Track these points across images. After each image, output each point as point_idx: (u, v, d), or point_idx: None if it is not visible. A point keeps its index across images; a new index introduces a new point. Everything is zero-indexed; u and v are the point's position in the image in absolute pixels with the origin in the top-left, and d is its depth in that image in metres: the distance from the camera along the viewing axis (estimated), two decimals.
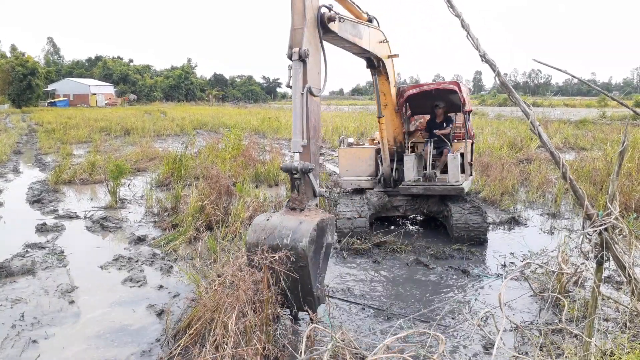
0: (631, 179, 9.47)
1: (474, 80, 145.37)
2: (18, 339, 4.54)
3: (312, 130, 4.54)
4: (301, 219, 3.96)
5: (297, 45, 4.40)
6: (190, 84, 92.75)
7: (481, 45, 2.37)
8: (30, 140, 23.82)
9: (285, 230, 3.84)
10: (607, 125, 26.49)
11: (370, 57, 6.91)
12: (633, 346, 3.72)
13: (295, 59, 4.35)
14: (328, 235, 4.20)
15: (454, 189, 7.46)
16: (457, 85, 7.69)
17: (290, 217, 4.01)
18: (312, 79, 4.52)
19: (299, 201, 4.21)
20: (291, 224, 3.90)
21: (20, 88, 60.85)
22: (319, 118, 4.79)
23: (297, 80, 4.37)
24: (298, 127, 4.34)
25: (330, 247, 4.29)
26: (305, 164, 4.23)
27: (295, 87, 4.38)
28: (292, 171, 4.27)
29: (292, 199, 4.27)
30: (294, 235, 3.77)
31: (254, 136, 22.11)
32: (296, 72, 4.37)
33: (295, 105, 4.37)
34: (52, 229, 8.28)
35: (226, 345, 3.60)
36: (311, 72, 4.50)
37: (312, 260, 3.82)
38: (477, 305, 5.27)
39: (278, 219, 4.01)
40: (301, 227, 3.82)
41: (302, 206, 4.20)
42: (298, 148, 4.33)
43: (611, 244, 2.32)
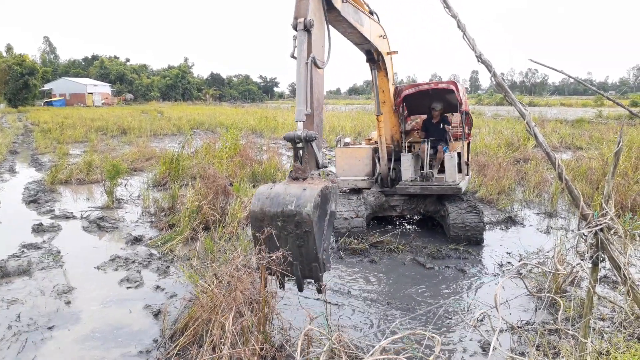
0: (627, 179, 9.51)
1: (471, 80, 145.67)
2: (14, 340, 4.52)
3: (316, 101, 4.49)
4: (305, 186, 3.93)
5: (302, 15, 4.35)
6: (187, 83, 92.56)
7: (477, 46, 2.37)
8: (26, 140, 23.72)
9: (289, 197, 3.80)
10: (604, 124, 26.58)
11: (371, 50, 6.89)
12: (629, 345, 3.73)
13: (301, 28, 4.30)
14: (332, 203, 4.15)
15: (451, 189, 7.45)
16: (454, 85, 7.69)
17: (294, 185, 3.98)
18: (316, 51, 4.46)
19: (302, 170, 4.14)
20: (295, 190, 3.86)
21: (17, 87, 60.61)
22: (323, 91, 4.77)
23: (302, 50, 4.30)
24: (302, 96, 4.23)
25: (334, 216, 4.25)
26: (308, 132, 4.14)
27: (299, 56, 4.30)
28: (295, 140, 4.17)
29: (295, 168, 4.19)
30: (298, 201, 3.73)
31: (251, 136, 22.10)
32: (301, 41, 4.31)
33: (300, 74, 4.28)
34: (49, 229, 8.25)
35: (223, 346, 3.59)
36: (316, 44, 4.46)
37: (316, 225, 3.79)
38: (473, 305, 5.28)
39: (281, 187, 3.97)
40: (305, 193, 3.79)
41: (305, 175, 4.13)
42: (302, 117, 4.21)
43: (607, 244, 2.33)
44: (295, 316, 4.60)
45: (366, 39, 6.19)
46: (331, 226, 4.19)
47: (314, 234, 3.75)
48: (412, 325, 4.79)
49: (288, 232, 3.76)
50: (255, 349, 3.57)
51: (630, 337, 4.08)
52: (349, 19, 5.41)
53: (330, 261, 4.25)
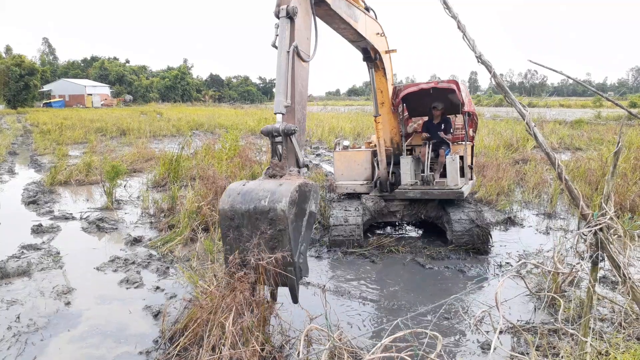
0: (626, 179, 9.52)
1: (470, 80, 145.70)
2: (14, 341, 4.52)
3: (298, 95, 4.18)
4: (281, 182, 3.59)
5: (284, 2, 4.13)
6: (186, 84, 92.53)
7: (477, 47, 2.38)
8: (25, 141, 23.71)
9: (263, 192, 3.47)
10: (603, 125, 26.61)
11: (367, 48, 6.66)
12: (628, 346, 3.74)
13: (283, 15, 4.07)
14: (311, 203, 3.77)
15: (453, 193, 7.10)
16: (455, 84, 7.36)
17: (270, 181, 3.65)
18: (300, 42, 4.21)
19: (280, 167, 3.80)
20: (270, 186, 3.53)
21: (17, 88, 60.55)
22: (307, 85, 4.46)
23: (284, 37, 4.04)
24: (282, 86, 3.93)
25: (314, 217, 3.85)
26: (287, 125, 3.80)
27: (280, 44, 4.04)
28: (272, 133, 3.82)
29: (272, 165, 3.83)
30: (273, 197, 3.39)
31: (250, 137, 22.11)
32: (283, 29, 4.06)
33: (280, 63, 3.99)
34: (48, 230, 8.24)
35: (223, 347, 3.59)
36: (299, 34, 4.21)
37: (292, 224, 3.43)
38: (474, 305, 5.29)
39: (256, 183, 3.63)
40: (280, 188, 3.45)
41: (282, 172, 3.79)
42: (281, 108, 3.89)
43: (606, 244, 2.33)
44: (295, 316, 4.59)
45: (361, 35, 5.96)
46: (310, 228, 3.82)
47: (289, 234, 3.39)
48: (413, 324, 4.79)
49: (261, 232, 3.41)
50: (256, 350, 3.56)
51: (630, 338, 4.09)
52: (341, 14, 5.19)
53: (308, 267, 3.90)
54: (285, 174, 3.78)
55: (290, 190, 3.40)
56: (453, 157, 7.46)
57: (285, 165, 3.83)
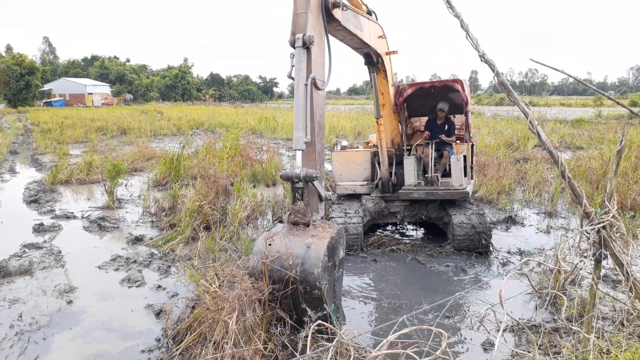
0: (627, 178, 9.53)
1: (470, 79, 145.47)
2: (16, 339, 4.53)
3: (317, 126, 4.07)
4: (308, 242, 3.52)
5: (300, 30, 3.96)
6: (186, 83, 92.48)
7: (480, 46, 2.38)
8: (26, 140, 23.72)
9: (293, 259, 3.45)
10: (603, 124, 26.60)
11: (370, 53, 6.63)
12: (630, 344, 3.75)
13: (299, 45, 3.91)
14: (339, 251, 3.78)
15: (458, 193, 7.06)
16: (460, 83, 7.35)
17: (295, 240, 3.56)
18: (317, 70, 4.07)
19: (302, 214, 3.73)
20: (298, 249, 3.47)
21: (18, 88, 60.56)
22: (324, 112, 4.32)
23: (301, 69, 3.90)
24: (301, 122, 3.80)
25: (343, 262, 3.89)
26: (308, 172, 3.69)
27: (298, 77, 3.91)
28: (293, 179, 3.73)
29: (294, 211, 3.76)
30: (304, 266, 3.39)
31: (251, 136, 22.10)
32: (299, 60, 3.91)
33: (298, 97, 3.87)
34: (49, 229, 8.25)
35: (226, 345, 3.60)
36: (315, 62, 4.07)
37: (326, 287, 3.48)
38: (476, 303, 5.30)
39: (281, 242, 3.57)
40: (311, 255, 3.41)
41: (305, 220, 3.72)
42: (301, 145, 3.78)
43: (609, 241, 2.34)
44: None
45: (366, 43, 5.92)
46: (341, 275, 3.85)
47: (324, 296, 3.44)
48: (416, 322, 4.80)
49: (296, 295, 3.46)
50: (258, 348, 3.57)
51: (631, 336, 4.10)
52: (349, 27, 5.09)
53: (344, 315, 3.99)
54: (308, 220, 3.72)
55: (320, 258, 3.39)
56: (458, 157, 7.41)
57: (308, 211, 3.75)
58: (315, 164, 4.08)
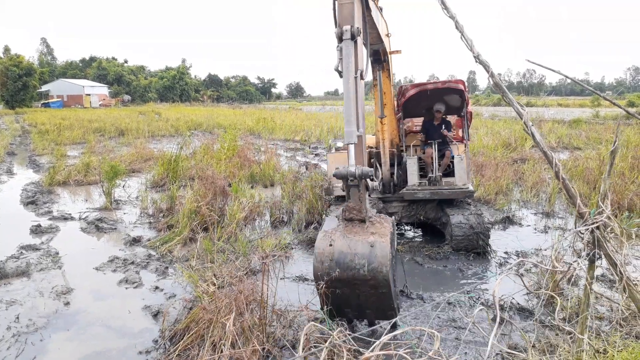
0: (624, 178, 9.56)
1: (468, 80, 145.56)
2: (14, 341, 4.53)
3: (361, 118, 4.08)
4: (370, 240, 3.54)
5: (347, 22, 3.91)
6: (184, 84, 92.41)
7: (475, 47, 2.39)
8: (23, 142, 23.67)
9: (358, 258, 3.48)
10: (601, 124, 26.66)
11: (379, 50, 6.59)
12: (626, 344, 3.76)
13: (347, 37, 3.86)
14: (394, 242, 3.84)
15: (463, 192, 7.13)
16: (462, 83, 7.33)
17: (356, 238, 3.59)
18: (360, 62, 4.05)
19: (358, 210, 3.73)
20: (361, 249, 3.51)
21: (15, 89, 60.43)
22: (364, 105, 4.34)
23: (350, 62, 3.85)
24: (352, 115, 3.76)
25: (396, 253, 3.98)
26: (363, 169, 3.68)
27: (347, 70, 3.85)
28: (348, 177, 3.71)
29: (349, 208, 3.76)
30: (371, 265, 3.43)
31: (249, 137, 22.11)
32: (348, 53, 3.85)
33: (349, 90, 3.82)
34: (47, 230, 8.24)
35: (224, 346, 3.61)
36: (360, 54, 4.05)
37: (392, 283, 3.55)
38: (471, 302, 5.30)
39: (342, 242, 3.58)
40: (376, 254, 3.45)
41: (361, 216, 3.73)
42: (353, 139, 3.77)
43: (603, 242, 2.35)
44: (296, 315, 4.61)
45: (381, 38, 5.86)
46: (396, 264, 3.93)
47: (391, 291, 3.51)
48: (411, 322, 4.80)
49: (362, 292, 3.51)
50: (256, 349, 3.58)
51: (628, 336, 4.11)
52: (375, 19, 5.08)
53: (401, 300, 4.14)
54: (364, 217, 3.74)
55: (386, 256, 3.44)
56: (461, 156, 7.43)
57: (363, 207, 3.76)
58: (362, 155, 4.13)
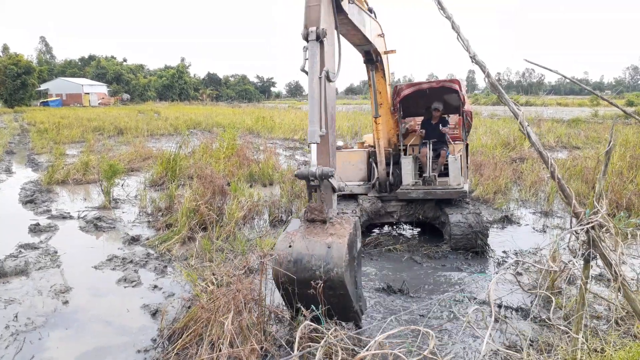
0: (622, 178, 9.58)
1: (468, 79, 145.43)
2: (12, 340, 4.53)
3: (330, 119, 4.13)
4: (327, 241, 3.58)
5: (313, 23, 4.00)
6: (184, 83, 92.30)
7: (471, 47, 2.40)
8: (22, 140, 23.66)
9: (315, 260, 3.52)
10: (600, 124, 26.68)
11: (370, 51, 6.63)
12: (623, 343, 3.77)
13: (312, 39, 3.95)
14: (357, 243, 3.87)
15: (456, 192, 7.12)
16: (457, 83, 7.35)
17: (315, 240, 3.63)
18: (328, 62, 4.12)
19: (319, 211, 3.79)
20: (318, 250, 3.55)
21: (14, 87, 60.33)
22: (335, 104, 4.38)
23: (314, 63, 3.94)
24: (316, 115, 3.84)
25: (361, 253, 3.96)
26: (324, 169, 3.74)
27: (312, 70, 3.94)
28: (309, 178, 3.77)
29: (311, 209, 3.81)
30: (327, 266, 3.46)
31: (248, 136, 22.12)
32: (313, 53, 3.95)
33: (313, 90, 3.91)
34: (46, 229, 8.24)
35: (222, 345, 3.61)
36: (328, 55, 4.12)
37: (349, 283, 3.56)
38: (468, 302, 5.31)
39: (301, 244, 3.63)
40: (332, 254, 3.48)
41: (322, 216, 3.78)
42: (316, 138, 3.82)
43: (598, 241, 2.36)
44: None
45: (367, 40, 5.94)
46: (360, 265, 3.96)
47: (349, 293, 3.54)
48: (408, 321, 4.82)
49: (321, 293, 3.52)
50: (254, 348, 3.58)
51: (625, 335, 4.12)
52: (355, 21, 5.14)
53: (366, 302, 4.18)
54: (325, 217, 3.78)
55: (342, 257, 3.46)
56: (455, 156, 7.43)
57: (324, 208, 3.81)
58: (328, 156, 4.14)
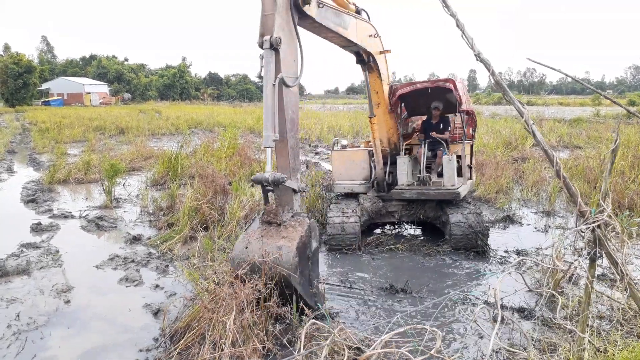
0: (624, 177, 9.55)
1: (469, 79, 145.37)
2: (14, 339, 4.53)
3: (290, 122, 4.25)
4: (279, 244, 3.81)
5: (268, 32, 4.13)
6: (185, 83, 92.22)
7: (476, 45, 2.39)
8: (24, 140, 23.67)
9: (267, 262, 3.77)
10: (601, 123, 26.63)
11: (359, 52, 6.61)
12: (627, 343, 3.76)
13: (267, 47, 4.09)
14: (312, 243, 4.07)
15: (449, 194, 7.01)
16: (452, 82, 7.23)
17: (268, 242, 3.86)
18: (287, 68, 4.24)
19: (274, 214, 4.01)
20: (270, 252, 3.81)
21: (15, 87, 60.38)
22: (297, 110, 4.49)
23: (269, 70, 4.08)
24: (269, 121, 4.00)
25: (317, 251, 4.16)
26: (276, 176, 3.94)
27: (266, 77, 4.09)
28: (262, 183, 4.00)
29: (267, 211, 4.04)
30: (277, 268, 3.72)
31: (249, 135, 22.11)
32: (267, 61, 4.10)
33: (267, 97, 4.06)
34: (47, 228, 8.24)
35: (224, 345, 3.60)
36: (285, 61, 4.24)
37: (300, 284, 3.79)
38: (472, 300, 5.30)
39: (256, 245, 3.87)
40: (282, 258, 3.72)
41: (277, 220, 3.99)
42: (269, 143, 4.01)
43: (604, 240, 2.34)
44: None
45: (351, 42, 5.91)
46: (316, 263, 4.17)
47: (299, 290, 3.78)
48: (412, 318, 4.80)
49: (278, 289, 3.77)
50: (256, 347, 3.58)
51: (628, 335, 4.11)
52: (328, 25, 5.15)
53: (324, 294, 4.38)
54: (280, 220, 4.00)
55: (290, 259, 3.70)
56: (450, 157, 7.36)
57: (279, 211, 4.01)
58: (287, 159, 4.26)
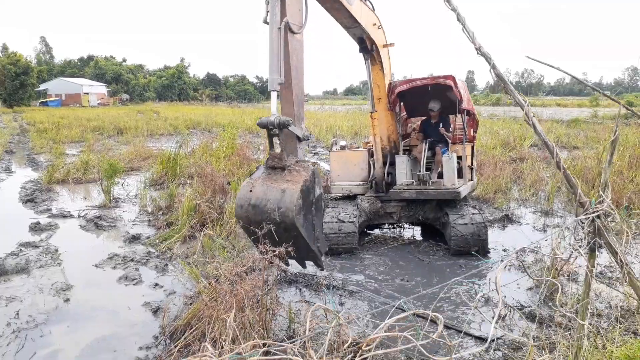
0: (622, 177, 9.59)
1: (467, 80, 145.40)
2: (13, 337, 4.53)
3: (294, 70, 4.18)
4: (283, 186, 3.79)
5: None
6: (183, 83, 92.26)
7: (476, 39, 2.40)
8: (22, 140, 23.63)
9: (270, 204, 3.73)
10: (599, 124, 26.72)
11: (363, 37, 6.44)
12: (625, 340, 3.78)
13: None
14: (316, 189, 4.05)
15: (449, 193, 6.80)
16: (452, 79, 6.92)
17: (273, 186, 3.84)
18: (292, 15, 4.15)
19: (279, 158, 3.95)
20: (274, 195, 3.76)
21: (13, 87, 60.27)
22: (302, 59, 4.42)
23: (274, 14, 3.98)
24: (275, 64, 3.90)
25: (321, 198, 4.14)
26: (281, 119, 3.86)
27: (272, 21, 3.98)
28: (268, 126, 3.90)
29: (272, 156, 3.98)
30: (280, 210, 3.67)
31: (247, 135, 22.13)
32: (273, 5, 4.00)
33: (272, 41, 3.96)
34: (46, 228, 8.24)
35: (224, 342, 3.61)
36: (291, 7, 4.16)
37: (303, 227, 3.77)
38: (473, 290, 5.33)
39: (260, 189, 3.85)
40: (285, 199, 3.69)
41: (282, 164, 3.94)
42: (275, 86, 3.92)
43: (604, 230, 2.36)
44: (298, 308, 4.62)
45: (355, 20, 5.78)
46: (320, 210, 4.16)
47: (303, 235, 3.76)
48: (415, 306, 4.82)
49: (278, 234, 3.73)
50: (257, 344, 3.58)
51: (626, 332, 4.13)
52: None
53: (325, 243, 4.36)
54: (284, 165, 3.94)
55: (294, 201, 3.65)
56: (450, 155, 7.19)
57: (284, 155, 3.95)
58: (292, 105, 4.20)
